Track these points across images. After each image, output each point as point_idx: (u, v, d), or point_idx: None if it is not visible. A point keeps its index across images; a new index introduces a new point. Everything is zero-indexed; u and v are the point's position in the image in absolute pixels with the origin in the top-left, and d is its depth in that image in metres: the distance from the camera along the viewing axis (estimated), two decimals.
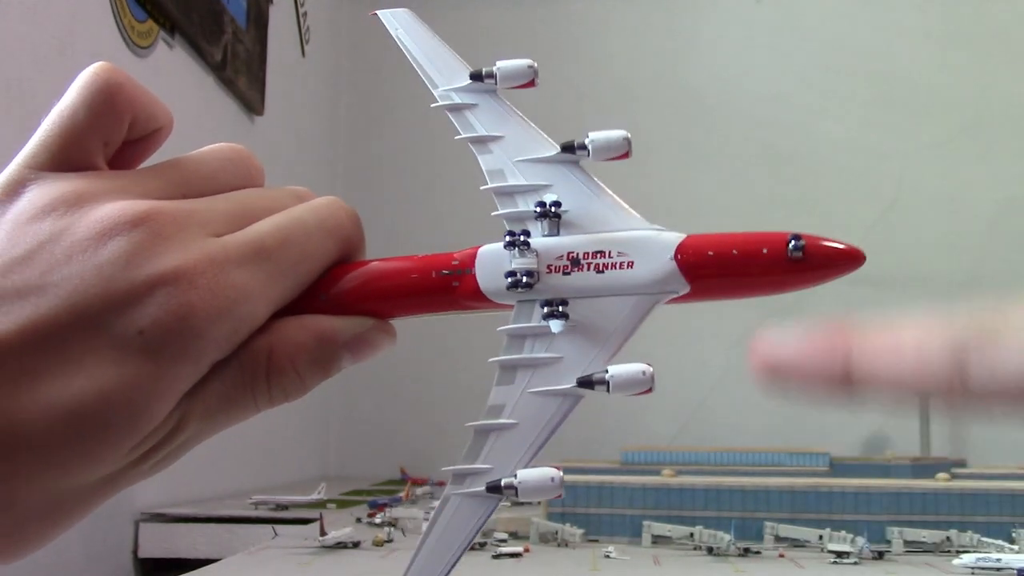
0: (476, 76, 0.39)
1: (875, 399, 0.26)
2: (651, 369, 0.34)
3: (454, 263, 0.36)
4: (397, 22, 0.41)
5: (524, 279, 0.35)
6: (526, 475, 0.34)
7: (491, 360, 0.36)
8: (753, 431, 2.36)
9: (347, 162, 2.68)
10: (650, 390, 0.34)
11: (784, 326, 0.26)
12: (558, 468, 0.34)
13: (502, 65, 0.38)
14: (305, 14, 2.36)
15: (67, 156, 0.34)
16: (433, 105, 0.39)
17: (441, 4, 2.57)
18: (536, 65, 0.38)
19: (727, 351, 2.43)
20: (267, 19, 2.05)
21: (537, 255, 0.35)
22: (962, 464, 1.86)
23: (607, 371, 0.34)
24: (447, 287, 0.36)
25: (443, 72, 0.40)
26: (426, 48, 0.40)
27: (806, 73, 2.57)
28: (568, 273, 0.35)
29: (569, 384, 0.35)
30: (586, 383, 0.34)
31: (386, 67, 2.68)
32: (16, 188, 0.33)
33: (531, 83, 0.38)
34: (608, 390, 0.34)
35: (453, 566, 0.34)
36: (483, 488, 0.34)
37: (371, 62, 2.71)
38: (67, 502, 0.32)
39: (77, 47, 1.30)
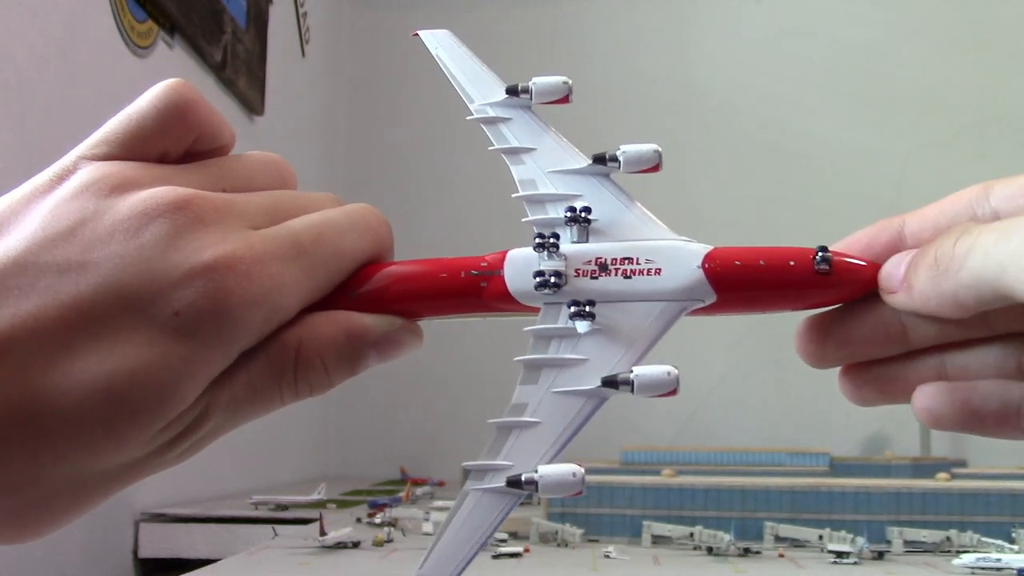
0: (512, 91, 0.40)
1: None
2: (676, 371, 0.34)
3: (483, 264, 0.37)
4: (437, 41, 0.42)
5: (552, 280, 0.35)
6: (547, 471, 0.34)
7: (517, 359, 0.36)
8: (753, 431, 2.36)
9: (347, 162, 2.68)
10: (674, 391, 0.34)
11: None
12: (580, 464, 0.34)
13: (537, 81, 0.39)
14: (305, 14, 2.36)
15: (125, 155, 0.34)
16: (469, 118, 0.40)
17: (428, 4, 2.57)
18: (570, 82, 0.39)
19: (727, 351, 2.43)
20: (267, 19, 2.05)
21: (566, 259, 0.36)
22: (962, 464, 1.86)
23: (632, 371, 0.34)
24: (475, 288, 0.37)
25: (480, 88, 0.41)
26: (464, 66, 0.41)
27: (806, 73, 2.57)
28: (596, 277, 0.36)
29: (594, 384, 0.35)
30: (611, 383, 0.35)
31: (386, 67, 2.68)
32: (66, 175, 0.34)
33: (565, 99, 0.39)
34: (632, 390, 0.34)
35: (469, 562, 0.34)
36: (503, 483, 0.34)
37: (371, 62, 2.71)
38: (91, 484, 0.32)
39: (77, 47, 1.30)
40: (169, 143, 0.35)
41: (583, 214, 0.37)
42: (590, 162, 0.38)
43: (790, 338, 0.38)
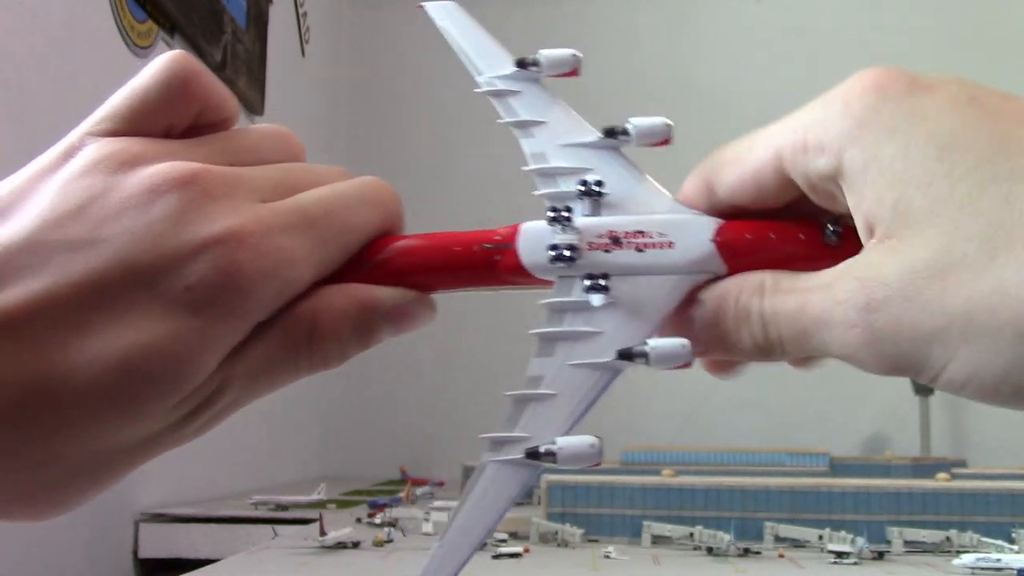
0: (521, 64, 0.39)
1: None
2: (691, 343, 0.34)
3: (496, 238, 0.37)
4: (444, 13, 0.42)
5: (566, 253, 0.36)
6: (565, 442, 0.34)
7: (531, 332, 0.36)
8: (753, 431, 2.36)
9: (347, 162, 2.67)
10: (689, 364, 0.34)
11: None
12: (598, 437, 0.34)
13: (546, 53, 0.39)
14: (305, 14, 2.36)
15: (131, 130, 0.34)
16: (477, 91, 0.40)
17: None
18: (580, 55, 0.39)
19: None
20: (267, 19, 2.06)
21: (579, 232, 0.36)
22: (962, 464, 1.86)
23: (647, 344, 0.34)
24: (489, 261, 0.37)
25: (488, 60, 0.40)
26: (471, 38, 0.41)
27: (806, 72, 2.57)
28: (608, 251, 0.36)
29: (609, 357, 0.35)
30: (626, 355, 0.35)
31: (386, 67, 2.68)
32: (72, 152, 0.34)
33: (574, 72, 0.39)
34: (647, 363, 0.34)
35: (490, 532, 0.34)
36: (522, 455, 0.34)
37: (371, 62, 2.71)
38: (111, 459, 0.32)
39: (77, 47, 1.30)
40: (173, 116, 0.35)
41: (595, 187, 0.37)
42: (600, 136, 0.38)
43: None
